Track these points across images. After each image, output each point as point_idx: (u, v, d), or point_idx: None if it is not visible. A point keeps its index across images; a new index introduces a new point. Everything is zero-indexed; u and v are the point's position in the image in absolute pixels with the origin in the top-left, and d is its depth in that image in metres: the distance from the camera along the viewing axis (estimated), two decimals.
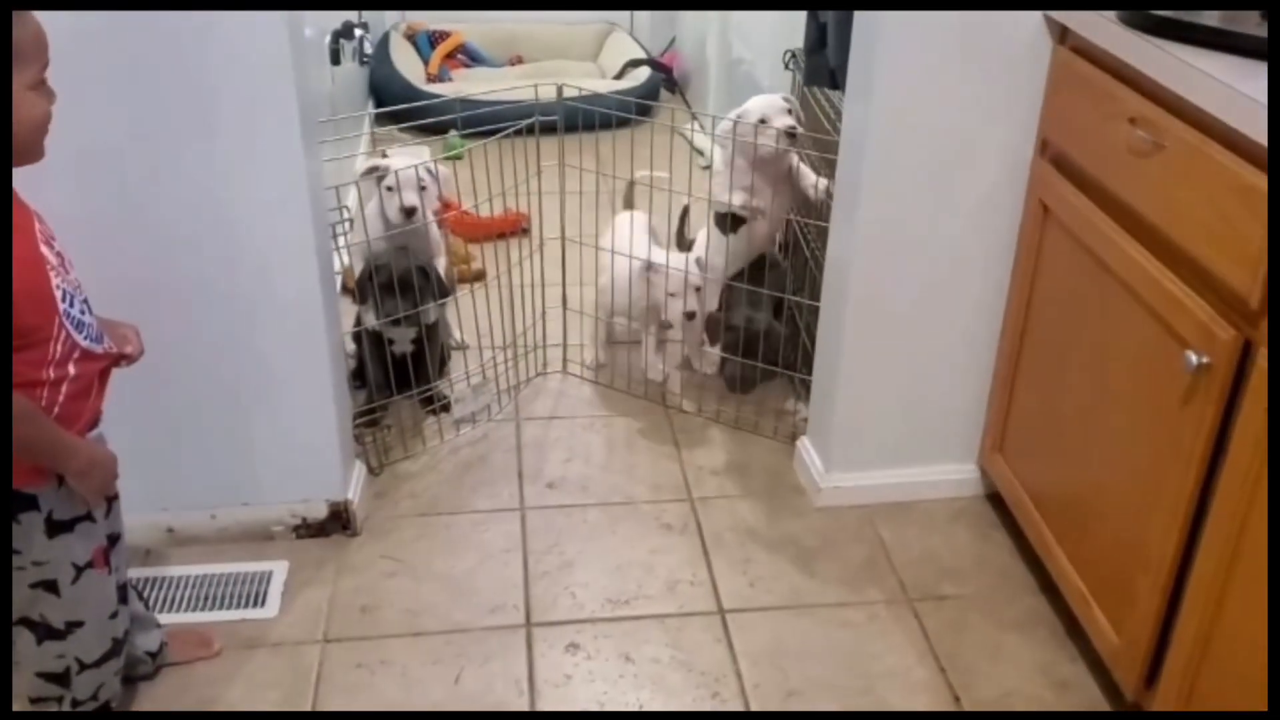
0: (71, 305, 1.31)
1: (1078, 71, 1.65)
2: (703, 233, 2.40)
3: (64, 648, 1.44)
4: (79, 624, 1.43)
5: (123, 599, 1.51)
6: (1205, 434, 1.34)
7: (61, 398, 1.30)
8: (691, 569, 1.94)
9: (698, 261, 2.30)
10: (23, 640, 1.44)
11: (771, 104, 2.18)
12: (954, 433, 2.07)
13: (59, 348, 1.28)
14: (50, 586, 1.39)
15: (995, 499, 2.09)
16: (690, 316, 2.24)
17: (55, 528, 1.36)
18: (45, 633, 1.42)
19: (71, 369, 1.31)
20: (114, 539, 1.47)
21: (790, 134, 2.14)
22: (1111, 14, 1.55)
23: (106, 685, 1.51)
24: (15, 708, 1.56)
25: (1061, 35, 1.71)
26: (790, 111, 2.17)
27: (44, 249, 1.28)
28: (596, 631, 1.80)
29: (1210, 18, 1.43)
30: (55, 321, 1.27)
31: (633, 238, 2.33)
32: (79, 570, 1.40)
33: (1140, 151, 1.46)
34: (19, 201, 1.29)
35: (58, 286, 1.28)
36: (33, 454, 1.29)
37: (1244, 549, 1.29)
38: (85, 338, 1.33)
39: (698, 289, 2.23)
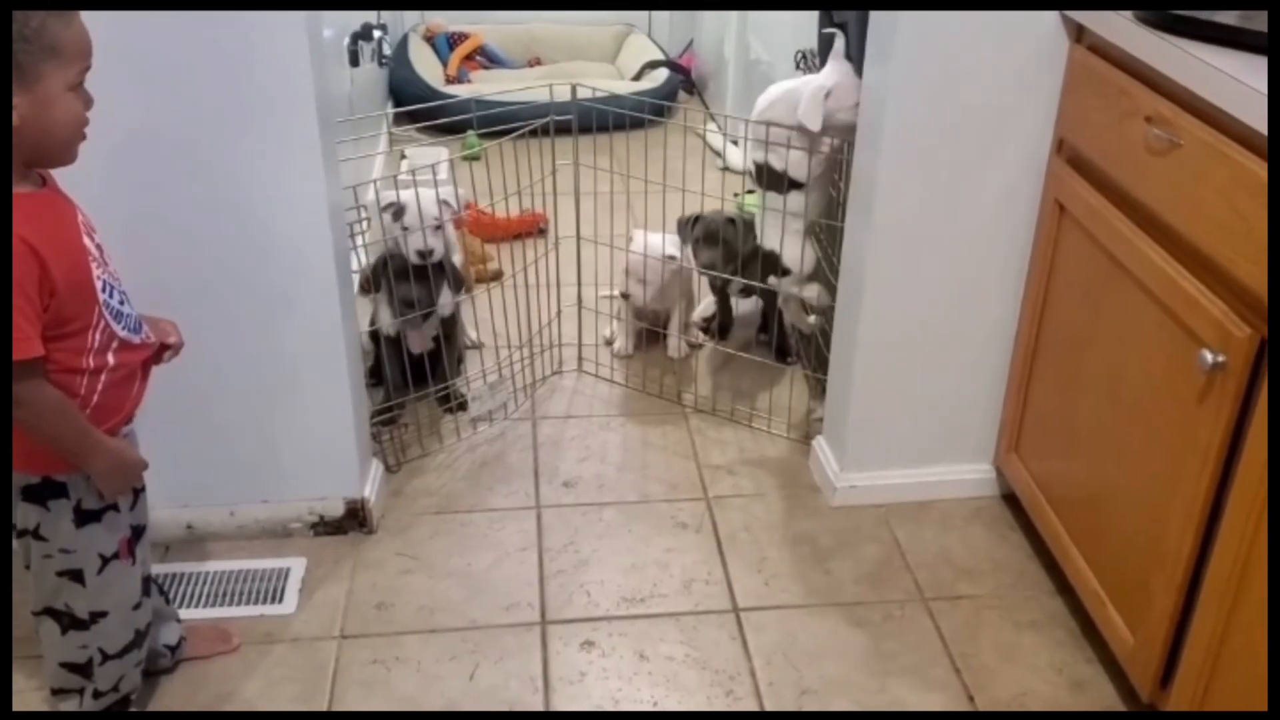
0: (111, 296, 1.33)
1: (1094, 70, 1.64)
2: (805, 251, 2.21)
3: (88, 638, 1.46)
4: (103, 614, 1.45)
5: (146, 591, 1.53)
6: (1221, 433, 1.34)
7: (101, 386, 1.32)
8: (707, 567, 1.95)
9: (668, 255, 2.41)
10: (46, 630, 1.46)
11: (807, 81, 2.06)
12: (969, 433, 2.07)
13: (98, 337, 1.31)
14: (76, 576, 1.41)
15: (1011, 499, 2.08)
16: (624, 296, 2.45)
17: (84, 517, 1.38)
18: (69, 622, 1.44)
19: (111, 358, 1.33)
20: (139, 530, 1.49)
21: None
22: (1128, 13, 1.55)
23: (128, 677, 1.53)
24: (36, 701, 1.58)
25: (1078, 34, 1.71)
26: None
27: (86, 240, 1.31)
28: (611, 629, 1.81)
29: (1227, 16, 1.43)
30: (95, 311, 1.30)
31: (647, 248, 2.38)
32: (105, 561, 1.42)
33: (1156, 150, 1.46)
34: (61, 195, 1.32)
35: (98, 277, 1.30)
36: (58, 447, 1.32)
37: (1259, 548, 1.28)
38: (124, 328, 1.35)
39: (642, 281, 2.41)
